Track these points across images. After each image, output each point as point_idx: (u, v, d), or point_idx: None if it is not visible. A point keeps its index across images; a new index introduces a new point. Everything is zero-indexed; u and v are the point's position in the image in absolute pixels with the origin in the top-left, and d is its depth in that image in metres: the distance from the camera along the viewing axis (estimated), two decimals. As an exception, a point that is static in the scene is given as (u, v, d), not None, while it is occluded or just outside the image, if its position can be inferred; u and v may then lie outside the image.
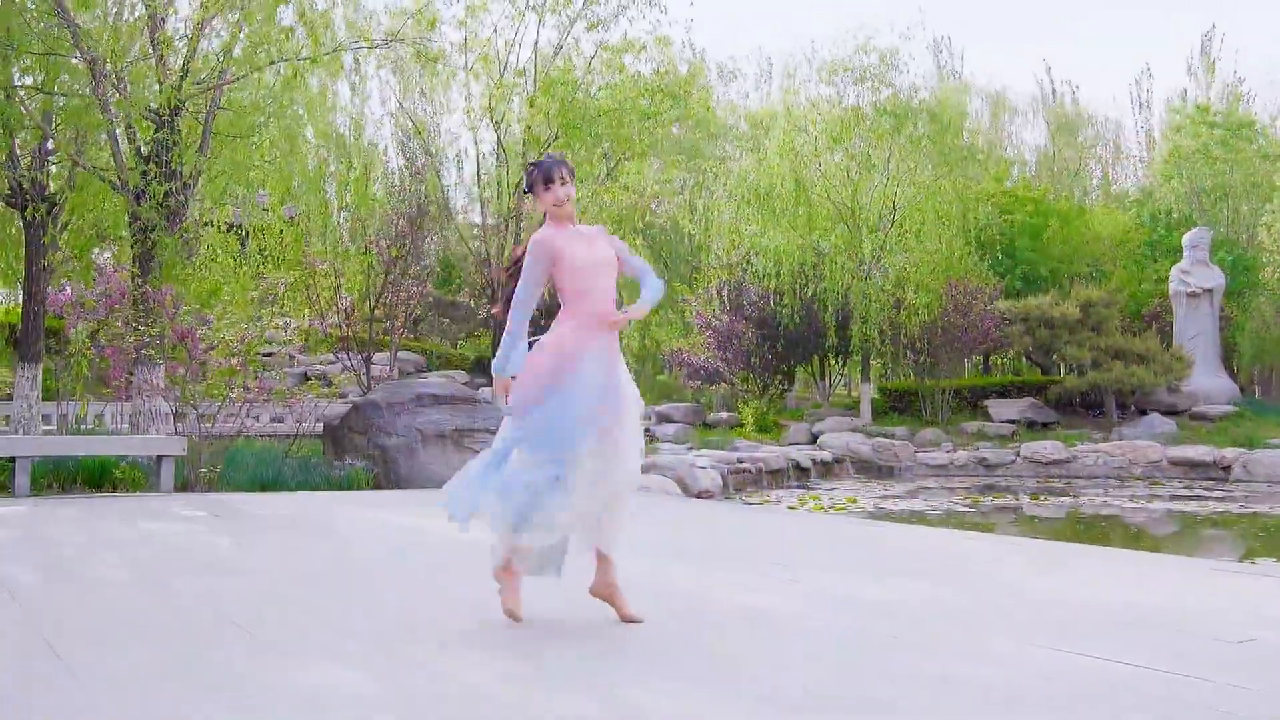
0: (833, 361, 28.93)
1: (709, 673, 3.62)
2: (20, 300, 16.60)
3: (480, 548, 4.45)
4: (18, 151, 12.75)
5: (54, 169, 13.71)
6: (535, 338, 4.37)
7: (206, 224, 17.05)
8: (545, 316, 4.87)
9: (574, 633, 4.24)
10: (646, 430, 19.39)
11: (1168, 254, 30.64)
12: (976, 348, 26.14)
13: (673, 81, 19.72)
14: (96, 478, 10.61)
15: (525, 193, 4.42)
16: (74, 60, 12.05)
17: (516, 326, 4.29)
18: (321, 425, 12.38)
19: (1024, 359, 30.40)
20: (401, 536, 7.57)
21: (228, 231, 20.13)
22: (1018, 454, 21.43)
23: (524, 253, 4.35)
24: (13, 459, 10.10)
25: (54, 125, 13.11)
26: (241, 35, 12.16)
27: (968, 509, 14.87)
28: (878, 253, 25.36)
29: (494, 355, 4.33)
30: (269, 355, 18.29)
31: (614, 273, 4.39)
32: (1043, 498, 16.68)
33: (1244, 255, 30.62)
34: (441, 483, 4.52)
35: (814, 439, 22.89)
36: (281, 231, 20.19)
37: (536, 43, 21.94)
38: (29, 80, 12.49)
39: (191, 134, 12.64)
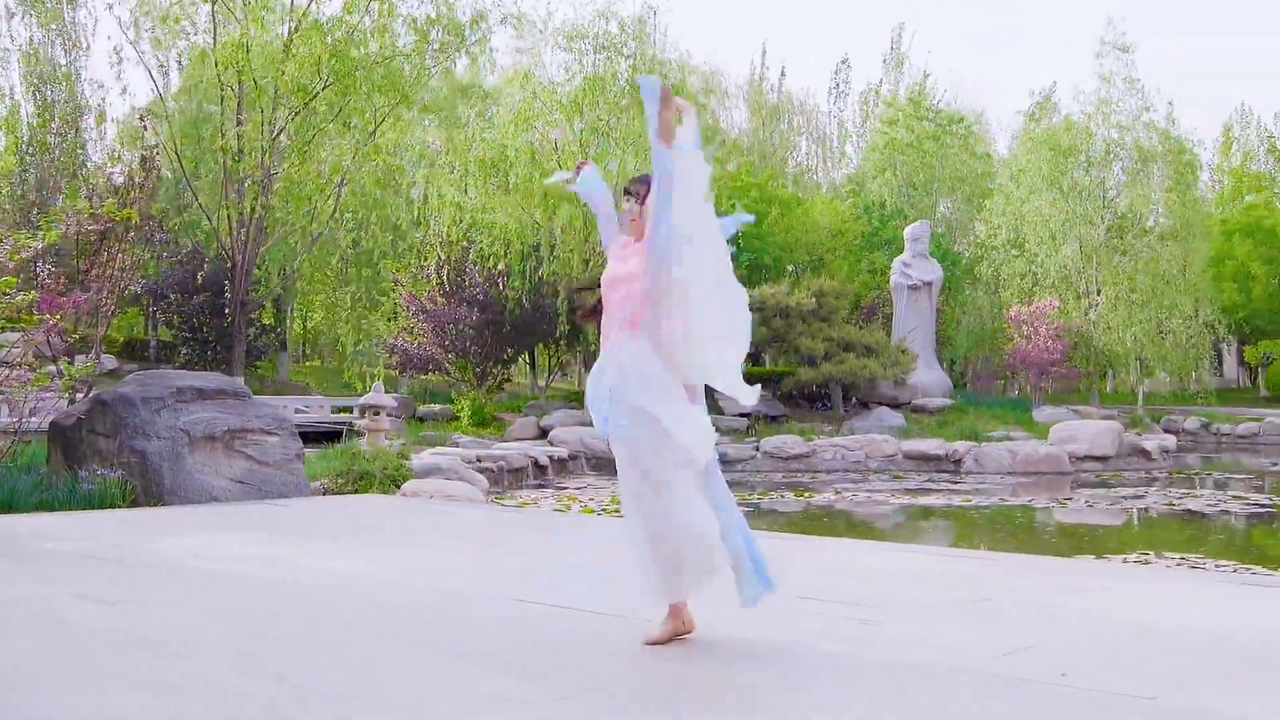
0: (564, 350, 29.05)
1: None
2: None
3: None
4: None
5: None
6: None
7: None
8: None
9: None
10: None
11: (882, 246, 33.13)
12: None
13: (453, 23, 18.83)
14: None
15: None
16: None
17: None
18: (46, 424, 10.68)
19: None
20: (309, 579, 6.00)
21: None
22: (758, 449, 22.46)
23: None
24: None
25: None
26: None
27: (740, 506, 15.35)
28: (613, 234, 25.64)
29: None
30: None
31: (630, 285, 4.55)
32: (805, 493, 17.51)
33: (952, 250, 33.66)
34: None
35: (543, 434, 22.87)
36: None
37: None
38: None
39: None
